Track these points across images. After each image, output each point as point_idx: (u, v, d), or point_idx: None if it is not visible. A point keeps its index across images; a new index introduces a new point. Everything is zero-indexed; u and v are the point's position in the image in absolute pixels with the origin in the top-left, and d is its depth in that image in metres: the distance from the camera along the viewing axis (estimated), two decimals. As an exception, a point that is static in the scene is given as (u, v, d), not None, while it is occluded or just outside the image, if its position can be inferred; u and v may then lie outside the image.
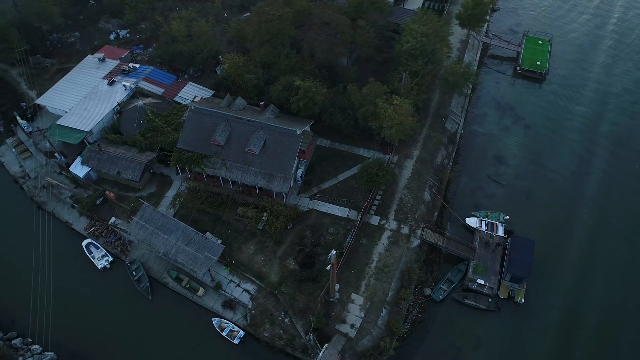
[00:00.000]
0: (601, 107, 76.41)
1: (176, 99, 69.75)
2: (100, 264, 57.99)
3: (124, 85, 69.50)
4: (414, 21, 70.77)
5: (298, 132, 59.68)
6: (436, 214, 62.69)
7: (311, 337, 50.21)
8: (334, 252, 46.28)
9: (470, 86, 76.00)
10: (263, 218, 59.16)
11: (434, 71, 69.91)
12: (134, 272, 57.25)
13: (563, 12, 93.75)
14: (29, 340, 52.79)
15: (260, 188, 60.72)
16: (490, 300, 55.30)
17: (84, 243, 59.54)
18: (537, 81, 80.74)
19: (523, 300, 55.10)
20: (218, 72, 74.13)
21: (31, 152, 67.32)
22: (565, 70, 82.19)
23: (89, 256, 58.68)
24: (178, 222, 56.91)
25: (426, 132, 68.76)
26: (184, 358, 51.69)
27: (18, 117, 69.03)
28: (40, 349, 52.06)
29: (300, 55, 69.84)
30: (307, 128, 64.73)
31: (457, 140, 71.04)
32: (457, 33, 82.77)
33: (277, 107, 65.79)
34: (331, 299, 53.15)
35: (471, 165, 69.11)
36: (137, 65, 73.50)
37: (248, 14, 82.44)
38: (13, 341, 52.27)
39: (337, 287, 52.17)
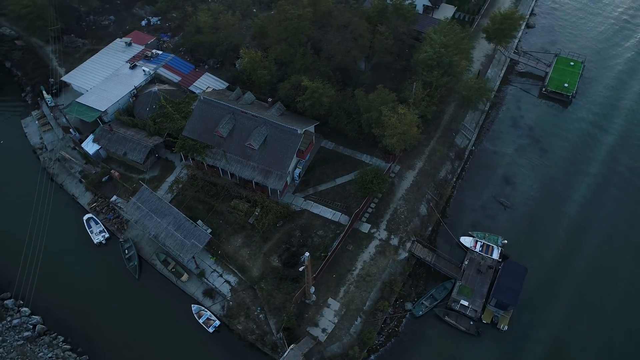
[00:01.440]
0: (627, 139, 72.23)
1: (191, 88, 71.57)
2: (97, 239, 60.37)
3: (144, 70, 72.07)
4: (435, 31, 69.52)
5: (299, 132, 59.91)
6: (430, 228, 61.38)
7: (281, 335, 50.43)
8: (307, 254, 46.31)
9: (488, 103, 73.83)
10: (255, 213, 59.82)
11: (449, 84, 68.35)
12: (126, 251, 59.25)
13: (605, 36, 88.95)
14: (21, 302, 55.75)
15: (256, 183, 61.41)
16: (471, 323, 53.66)
17: (85, 217, 62.17)
18: (563, 104, 77.41)
19: (506, 327, 53.13)
20: (237, 66, 75.48)
21: (51, 126, 70.91)
22: (594, 95, 78.33)
23: (88, 230, 61.19)
24: (171, 207, 58.46)
25: (433, 144, 67.43)
26: (159, 339, 53.01)
27: (44, 92, 72.83)
28: (29, 311, 54.89)
29: (317, 56, 70.12)
30: (312, 129, 64.95)
31: (466, 156, 69.19)
32: (484, 47, 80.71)
33: (285, 106, 66.31)
34: (307, 301, 53.15)
35: (477, 183, 67.09)
36: (160, 52, 76.04)
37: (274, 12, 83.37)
38: (6, 301, 55.26)
39: (312, 289, 52.13)
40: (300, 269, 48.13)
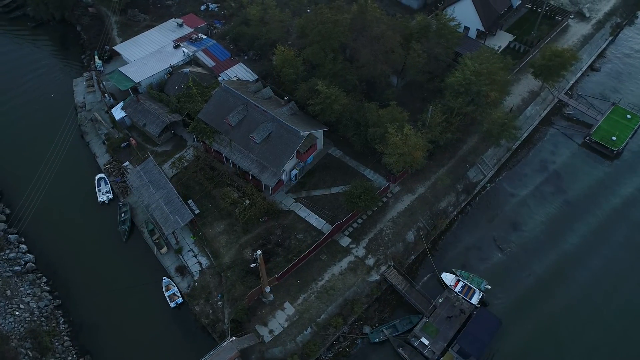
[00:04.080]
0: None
1: (222, 74, 74.37)
2: (101, 198, 64.95)
3: (183, 51, 76.08)
4: (471, 56, 66.59)
5: (301, 134, 60.20)
6: (413, 257, 58.97)
7: (227, 326, 51.24)
8: (259, 252, 46.68)
9: (516, 141, 69.19)
10: (245, 203, 61.01)
11: (474, 113, 65.04)
12: (123, 214, 63.08)
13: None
14: (22, 239, 61.56)
15: (253, 176, 62.63)
16: (424, 363, 51.07)
17: (97, 176, 67.03)
18: (606, 158, 70.51)
19: (461, 378, 49.95)
20: (273, 61, 77.13)
21: (95, 89, 77.15)
22: (645, 155, 70.61)
23: (96, 188, 65.97)
24: (167, 182, 61.36)
25: (442, 172, 64.54)
26: (125, 301, 55.84)
27: (96, 57, 79.46)
28: (26, 249, 60.49)
29: (350, 64, 69.76)
30: (319, 133, 65.00)
31: (475, 191, 65.46)
32: (530, 82, 75.77)
33: (301, 107, 66.85)
34: (264, 300, 53.45)
35: (480, 221, 63.34)
36: (204, 37, 79.80)
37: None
38: (10, 235, 61.22)
39: (268, 289, 52.28)
40: (252, 266, 48.59)
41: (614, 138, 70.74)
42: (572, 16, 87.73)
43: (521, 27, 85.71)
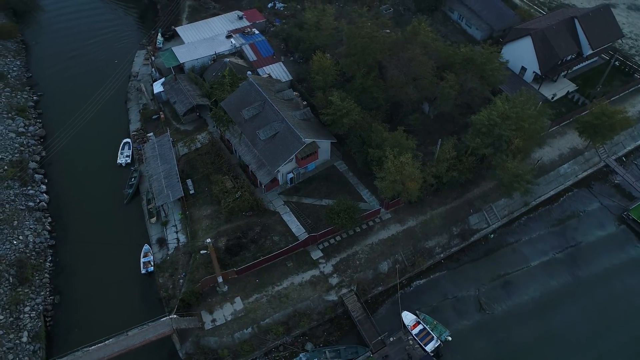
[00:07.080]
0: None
1: (259, 70, 76.78)
2: (120, 160, 70.34)
3: (231, 42, 79.70)
4: (505, 97, 62.48)
5: (302, 140, 60.50)
6: (381, 288, 56.53)
7: (177, 304, 53.07)
8: (208, 240, 47.76)
9: (533, 195, 63.42)
10: (237, 195, 62.64)
11: (492, 157, 60.73)
12: (132, 179, 67.88)
13: None
14: (45, 180, 68.70)
15: (251, 170, 64.10)
16: (352, 398, 48.91)
17: (124, 140, 72.74)
18: (640, 239, 62.19)
19: (383, 423, 47.16)
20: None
21: (149, 62, 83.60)
22: (690, 246, 60.98)
23: (120, 151, 71.59)
24: (173, 159, 64.85)
25: (440, 210, 61.09)
26: (104, 256, 59.84)
27: (159, 34, 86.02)
28: (44, 189, 67.37)
29: (382, 81, 68.58)
30: (326, 144, 64.71)
31: (473, 239, 61.04)
32: (575, 139, 68.95)
33: (316, 114, 67.04)
34: (218, 289, 54.52)
35: (469, 271, 59.11)
36: (256, 32, 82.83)
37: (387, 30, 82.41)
38: (36, 175, 68.44)
39: (220, 279, 53.22)
40: (202, 252, 49.81)
41: (657, 220, 62.07)
42: (655, 77, 78.22)
43: (589, 79, 78.10)
